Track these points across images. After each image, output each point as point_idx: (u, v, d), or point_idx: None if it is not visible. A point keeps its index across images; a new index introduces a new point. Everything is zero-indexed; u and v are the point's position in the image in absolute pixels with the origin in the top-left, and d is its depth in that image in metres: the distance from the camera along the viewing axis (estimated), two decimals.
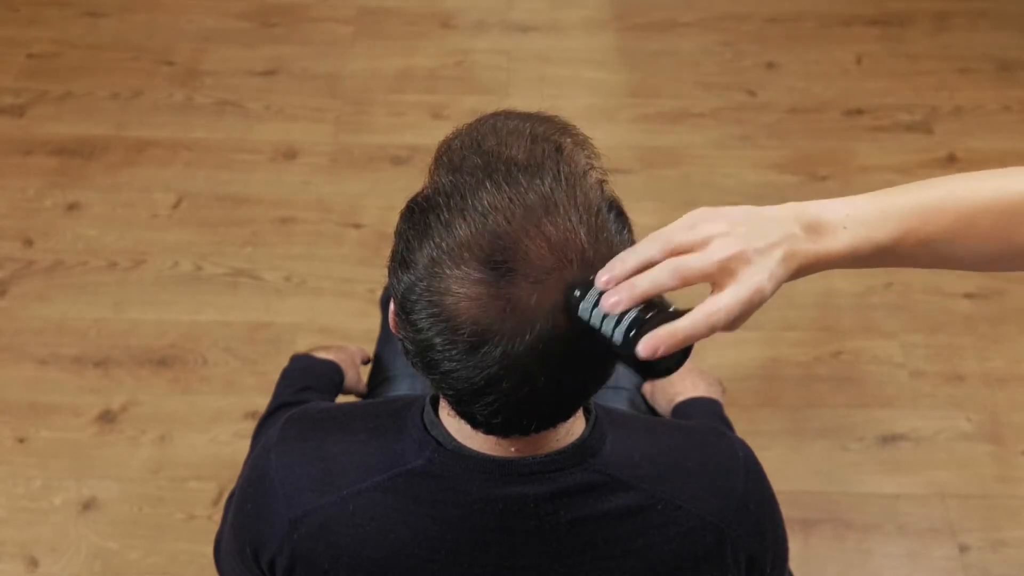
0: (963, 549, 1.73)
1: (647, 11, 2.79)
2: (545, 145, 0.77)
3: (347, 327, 2.02)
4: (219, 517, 1.46)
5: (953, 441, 1.88)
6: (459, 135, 0.80)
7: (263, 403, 1.43)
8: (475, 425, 0.79)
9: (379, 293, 2.03)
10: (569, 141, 0.79)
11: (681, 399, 1.34)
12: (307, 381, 1.31)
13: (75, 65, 2.59)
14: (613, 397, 1.37)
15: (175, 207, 2.26)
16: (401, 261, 0.75)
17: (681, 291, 0.67)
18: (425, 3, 2.80)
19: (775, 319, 2.05)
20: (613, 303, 0.66)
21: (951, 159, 2.38)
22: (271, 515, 0.87)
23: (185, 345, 2.00)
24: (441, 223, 0.72)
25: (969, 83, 2.57)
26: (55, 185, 2.30)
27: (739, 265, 0.67)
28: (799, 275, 0.70)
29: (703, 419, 1.27)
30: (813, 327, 2.05)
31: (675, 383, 1.38)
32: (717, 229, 0.68)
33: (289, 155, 2.38)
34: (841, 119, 2.49)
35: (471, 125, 0.81)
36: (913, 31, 2.72)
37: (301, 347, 1.82)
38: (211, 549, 1.07)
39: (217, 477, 1.81)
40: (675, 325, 0.65)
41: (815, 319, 2.07)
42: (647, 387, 1.41)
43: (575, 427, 0.85)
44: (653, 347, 0.64)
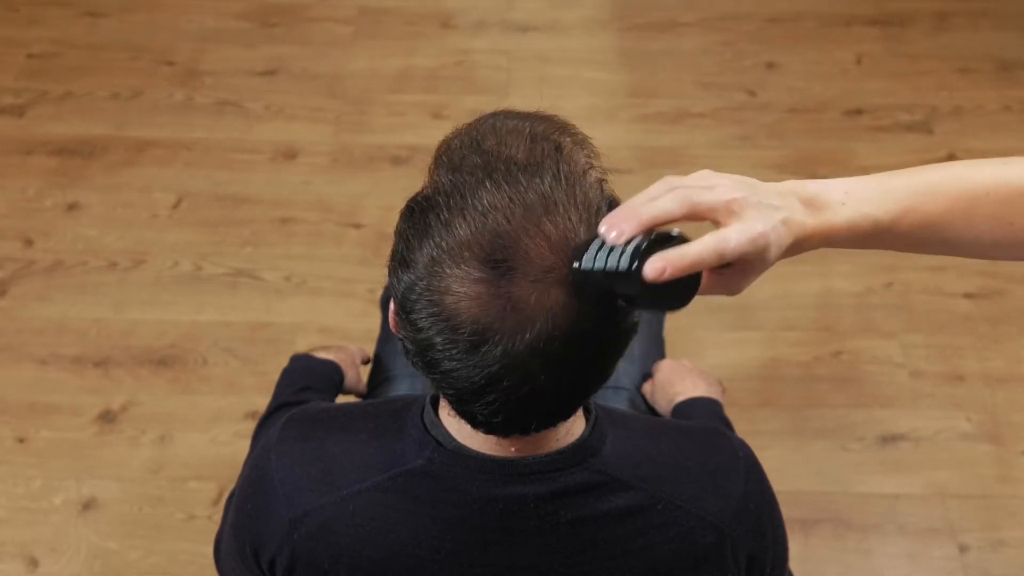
0: (963, 549, 1.73)
1: (647, 11, 2.79)
2: (545, 144, 0.77)
3: (347, 327, 2.02)
4: (219, 517, 1.46)
5: (953, 441, 1.88)
6: (459, 135, 0.80)
7: (263, 403, 1.43)
8: (475, 425, 0.79)
9: (379, 293, 2.03)
10: (569, 140, 0.80)
11: (681, 399, 1.34)
12: (307, 381, 1.31)
13: (75, 65, 2.59)
14: (613, 397, 1.37)
15: (175, 207, 2.26)
16: (401, 261, 0.75)
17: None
18: (425, 3, 2.80)
19: (775, 319, 2.05)
20: (617, 233, 0.66)
21: (951, 159, 2.36)
22: (271, 515, 0.87)
23: (185, 345, 2.00)
24: (441, 222, 0.72)
25: (969, 83, 2.57)
26: (55, 185, 2.30)
27: (744, 208, 0.67)
28: (797, 249, 0.71)
29: (703, 419, 1.27)
30: (813, 327, 2.05)
31: (675, 383, 1.38)
32: (722, 180, 0.70)
33: (289, 155, 2.38)
34: (841, 119, 2.49)
35: (471, 125, 0.82)
36: (913, 31, 2.72)
37: (301, 347, 1.82)
38: (211, 549, 1.07)
39: (217, 477, 1.81)
40: (684, 248, 0.65)
41: (815, 319, 2.07)
42: (647, 387, 1.41)
43: (575, 427, 0.85)
44: (660, 268, 0.63)
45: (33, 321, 2.04)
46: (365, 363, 1.51)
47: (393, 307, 0.78)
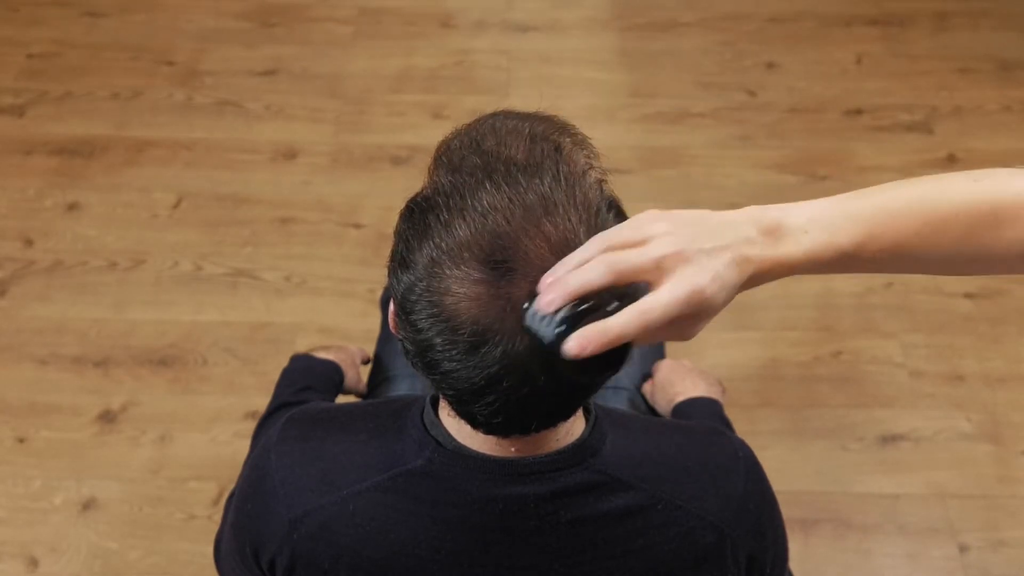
0: (963, 549, 1.73)
1: (647, 11, 2.79)
2: (544, 145, 0.77)
3: (347, 327, 2.02)
4: (219, 517, 1.46)
5: (953, 441, 1.88)
6: (458, 135, 0.80)
7: (263, 403, 1.43)
8: (475, 425, 0.79)
9: (379, 293, 2.03)
10: (568, 141, 0.80)
11: (681, 399, 1.34)
12: (307, 381, 1.31)
13: (75, 65, 2.59)
14: (613, 397, 1.37)
15: (175, 207, 2.26)
16: (401, 261, 0.75)
17: None
18: (425, 3, 2.80)
19: (775, 319, 2.05)
20: (547, 302, 0.65)
21: (951, 159, 2.38)
22: (271, 515, 0.87)
23: (185, 345, 2.00)
24: (441, 223, 0.72)
25: (969, 83, 2.57)
26: (55, 185, 2.30)
27: (677, 263, 0.65)
28: (756, 282, 0.68)
29: (703, 419, 1.27)
30: (813, 327, 2.05)
31: (675, 383, 1.38)
32: (660, 229, 0.66)
33: (289, 155, 2.38)
34: (841, 119, 2.49)
35: (470, 125, 0.81)
36: (913, 31, 2.72)
37: (301, 347, 1.83)
38: (211, 549, 1.07)
39: (217, 477, 1.81)
40: (607, 322, 0.63)
41: (815, 319, 2.07)
42: (647, 387, 1.41)
43: (575, 427, 0.85)
44: (581, 345, 0.63)
45: (33, 321, 2.05)
46: (365, 363, 1.51)
47: (393, 307, 0.78)
